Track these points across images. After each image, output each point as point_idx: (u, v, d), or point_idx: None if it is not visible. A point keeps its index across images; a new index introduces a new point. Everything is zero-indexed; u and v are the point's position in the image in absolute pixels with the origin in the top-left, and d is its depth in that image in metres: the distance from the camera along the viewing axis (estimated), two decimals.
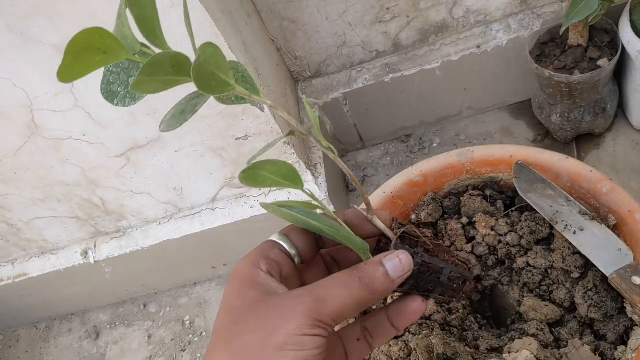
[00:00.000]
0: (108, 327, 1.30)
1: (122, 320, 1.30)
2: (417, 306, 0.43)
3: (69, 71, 0.30)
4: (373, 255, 0.42)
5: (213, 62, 0.32)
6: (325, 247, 0.45)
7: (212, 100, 0.37)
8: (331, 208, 1.04)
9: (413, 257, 0.41)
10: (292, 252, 0.43)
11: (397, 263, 0.40)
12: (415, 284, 0.42)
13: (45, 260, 1.16)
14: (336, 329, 0.46)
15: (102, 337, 1.29)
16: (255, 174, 0.39)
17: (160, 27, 0.33)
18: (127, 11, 0.32)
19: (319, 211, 0.43)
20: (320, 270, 0.46)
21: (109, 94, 0.36)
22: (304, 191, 0.42)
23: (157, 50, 0.33)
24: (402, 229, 0.43)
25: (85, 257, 1.13)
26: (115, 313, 1.32)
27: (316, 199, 0.42)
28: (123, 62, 0.36)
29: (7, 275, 1.21)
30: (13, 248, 1.17)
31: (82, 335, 1.31)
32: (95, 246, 1.13)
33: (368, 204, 0.44)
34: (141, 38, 0.33)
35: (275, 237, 0.43)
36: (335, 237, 0.40)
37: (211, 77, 0.32)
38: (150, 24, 0.33)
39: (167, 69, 0.31)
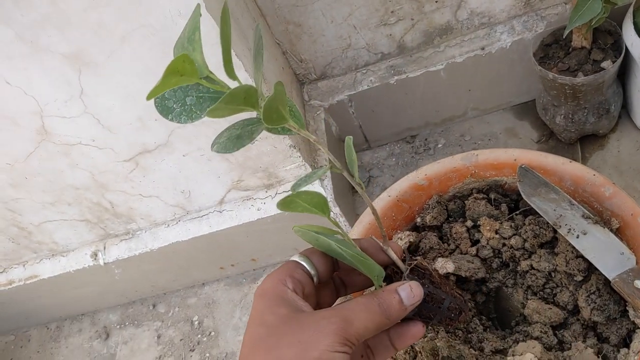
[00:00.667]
0: (118, 327, 1.32)
1: (132, 320, 1.32)
2: (418, 331, 0.48)
3: (153, 90, 0.33)
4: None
5: (279, 98, 0.36)
6: (338, 270, 0.49)
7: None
8: (337, 210, 1.06)
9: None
10: (312, 272, 0.47)
11: (410, 292, 0.45)
12: (418, 311, 0.47)
13: (55, 262, 1.18)
14: None
15: (112, 337, 1.31)
16: (292, 202, 0.44)
17: (231, 58, 0.37)
18: (199, 36, 0.36)
19: (338, 236, 0.47)
20: (330, 290, 0.50)
21: (164, 108, 0.39)
22: (329, 219, 0.46)
23: (221, 77, 0.37)
24: (414, 262, 0.48)
25: (95, 259, 1.15)
26: (125, 313, 1.34)
27: (339, 226, 0.46)
28: None
29: (19, 277, 1.22)
30: (24, 250, 1.19)
31: (92, 336, 1.33)
32: (104, 248, 1.15)
33: (384, 237, 0.49)
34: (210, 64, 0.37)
35: (297, 258, 0.47)
36: (354, 263, 0.45)
37: (275, 111, 0.36)
38: (227, 56, 0.37)
39: (240, 99, 0.35)
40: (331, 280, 0.51)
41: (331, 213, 1.02)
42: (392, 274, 0.49)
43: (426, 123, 1.23)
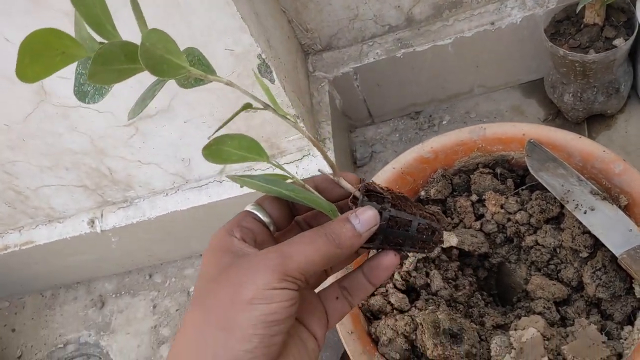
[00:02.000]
0: (113, 296, 1.31)
1: (128, 289, 1.31)
2: (389, 261, 0.45)
3: (30, 72, 0.31)
4: None
5: (160, 46, 0.33)
6: (299, 214, 0.47)
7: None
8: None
9: (380, 213, 0.43)
10: (266, 220, 0.44)
11: (363, 218, 0.41)
12: (385, 239, 0.44)
13: (52, 229, 1.17)
14: (316, 290, 0.48)
15: (107, 306, 1.30)
16: (218, 150, 0.41)
17: (111, 21, 0.34)
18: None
19: (288, 181, 0.44)
20: None
21: (81, 94, 0.39)
22: (270, 162, 0.43)
23: None
24: (366, 187, 0.44)
25: (92, 226, 1.13)
26: (121, 282, 1.33)
27: (283, 169, 0.44)
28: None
29: (14, 242, 1.21)
30: (20, 215, 1.17)
31: (88, 304, 1.32)
32: (102, 215, 1.14)
33: (333, 166, 0.45)
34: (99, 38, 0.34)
35: (249, 207, 0.44)
36: (305, 202, 0.42)
37: (161, 60, 0.33)
38: (97, 19, 0.33)
39: (120, 58, 0.32)
40: (296, 226, 0.48)
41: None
42: (355, 206, 0.45)
43: (431, 99, 1.21)
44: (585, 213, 0.70)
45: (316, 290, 0.49)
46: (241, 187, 1.00)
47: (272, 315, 0.37)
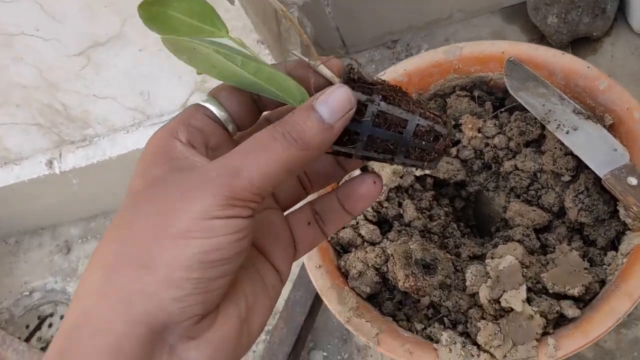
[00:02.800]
0: (79, 241, 1.26)
1: (94, 234, 1.26)
2: (366, 190, 0.37)
3: None
4: None
5: None
6: (267, 109, 0.37)
7: None
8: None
9: (366, 106, 0.33)
10: (222, 115, 0.35)
11: (332, 101, 0.31)
12: (370, 142, 0.34)
13: (8, 171, 1.10)
14: (285, 213, 0.40)
15: (73, 252, 1.25)
16: (160, 14, 0.31)
17: None
18: None
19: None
20: None
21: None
22: (231, 38, 0.33)
23: None
24: (349, 72, 0.34)
25: (51, 167, 1.07)
26: (87, 227, 1.27)
27: (246, 47, 0.33)
28: None
29: None
30: None
31: (53, 250, 1.27)
32: (60, 156, 1.07)
33: (309, 47, 0.35)
34: None
35: (201, 100, 0.35)
36: (270, 90, 0.33)
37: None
38: None
39: None
40: (265, 123, 0.38)
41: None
42: None
43: (409, 26, 1.14)
44: (567, 133, 0.65)
45: (286, 213, 0.40)
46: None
47: (213, 252, 0.28)
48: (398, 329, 0.63)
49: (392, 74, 0.77)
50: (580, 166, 0.65)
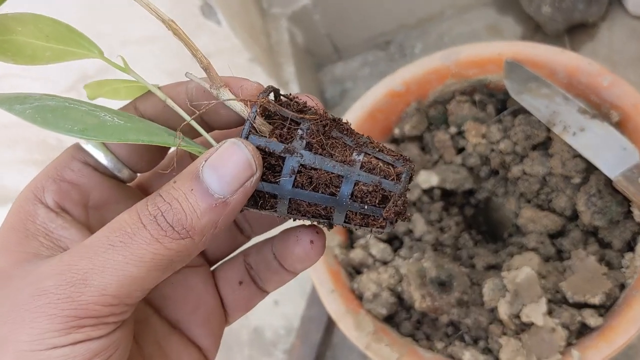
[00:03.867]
0: None
1: None
2: (302, 251, 0.28)
3: None
4: None
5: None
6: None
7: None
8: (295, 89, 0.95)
9: (282, 158, 0.25)
10: (109, 160, 0.27)
11: (226, 167, 0.23)
12: (294, 206, 0.26)
13: (6, 211, 1.09)
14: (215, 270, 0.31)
15: None
16: (8, 43, 0.25)
17: None
18: None
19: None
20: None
21: None
22: (106, 60, 0.28)
23: None
24: (262, 105, 0.26)
25: None
26: None
27: (129, 70, 0.28)
28: None
29: None
30: None
31: None
32: None
33: (207, 68, 0.26)
34: None
35: (83, 141, 0.27)
36: (143, 140, 0.24)
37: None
38: None
39: None
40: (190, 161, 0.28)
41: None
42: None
43: (400, 25, 1.12)
44: (574, 135, 0.63)
45: (213, 268, 0.32)
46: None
47: None
48: (418, 349, 0.62)
49: (390, 83, 0.76)
50: (590, 167, 0.63)
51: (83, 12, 0.74)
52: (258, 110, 0.26)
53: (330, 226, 0.28)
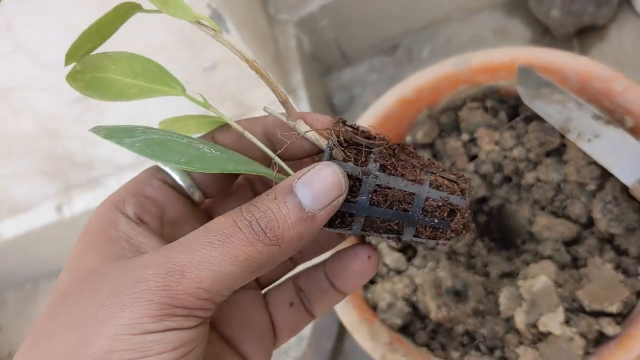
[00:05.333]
0: None
1: None
2: (360, 267, 0.30)
3: None
4: None
5: None
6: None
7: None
8: (303, 94, 0.95)
9: (360, 181, 0.28)
10: (186, 181, 0.29)
11: (318, 185, 0.25)
12: (369, 223, 0.29)
13: (18, 220, 1.09)
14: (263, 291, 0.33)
15: None
16: (101, 80, 0.27)
17: None
18: None
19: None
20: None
21: None
22: (187, 97, 0.29)
23: None
24: (338, 134, 0.28)
25: (60, 212, 1.05)
26: None
27: (213, 109, 0.29)
28: None
29: None
30: None
31: None
32: (69, 200, 1.06)
33: (285, 102, 0.28)
34: None
35: (161, 163, 0.29)
36: (239, 170, 0.27)
37: None
38: None
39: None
40: (247, 185, 0.32)
41: (302, 103, 0.89)
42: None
43: (407, 30, 1.11)
44: (589, 141, 0.63)
45: (264, 291, 0.34)
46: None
47: None
48: (434, 359, 0.61)
49: (400, 91, 0.75)
50: (605, 174, 0.63)
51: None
52: (335, 138, 0.28)
53: (399, 240, 0.30)
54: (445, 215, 0.29)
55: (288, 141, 0.29)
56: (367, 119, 0.75)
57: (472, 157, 0.72)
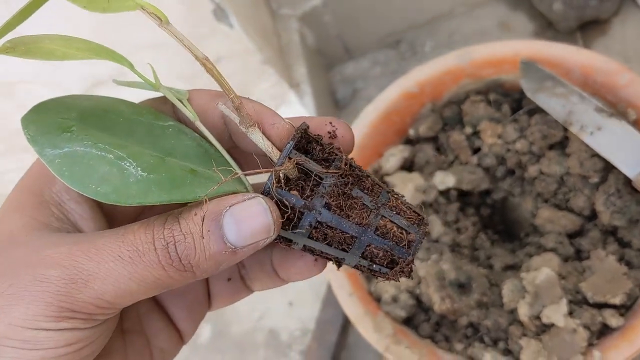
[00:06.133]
0: None
1: None
2: (304, 266, 0.30)
3: None
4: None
5: None
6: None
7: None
8: (308, 89, 0.95)
9: (301, 213, 0.26)
10: None
11: (246, 222, 0.24)
12: (309, 249, 0.28)
13: None
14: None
15: None
16: (32, 49, 0.26)
17: None
18: None
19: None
20: None
21: None
22: (135, 72, 0.29)
23: None
24: (295, 152, 0.26)
25: None
26: None
27: (160, 86, 0.28)
28: None
29: None
30: None
31: None
32: None
33: (239, 108, 0.26)
34: None
35: None
36: (163, 200, 0.25)
37: None
38: None
39: None
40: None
41: (306, 97, 0.89)
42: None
43: (410, 24, 1.11)
44: (591, 134, 0.63)
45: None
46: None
47: None
48: (438, 351, 0.62)
49: (404, 85, 0.76)
50: (608, 166, 0.63)
51: (94, 23, 0.74)
52: (274, 178, 0.26)
53: (339, 265, 0.29)
54: (384, 263, 0.28)
55: (246, 141, 0.28)
56: (370, 114, 0.75)
57: (476, 150, 0.73)
